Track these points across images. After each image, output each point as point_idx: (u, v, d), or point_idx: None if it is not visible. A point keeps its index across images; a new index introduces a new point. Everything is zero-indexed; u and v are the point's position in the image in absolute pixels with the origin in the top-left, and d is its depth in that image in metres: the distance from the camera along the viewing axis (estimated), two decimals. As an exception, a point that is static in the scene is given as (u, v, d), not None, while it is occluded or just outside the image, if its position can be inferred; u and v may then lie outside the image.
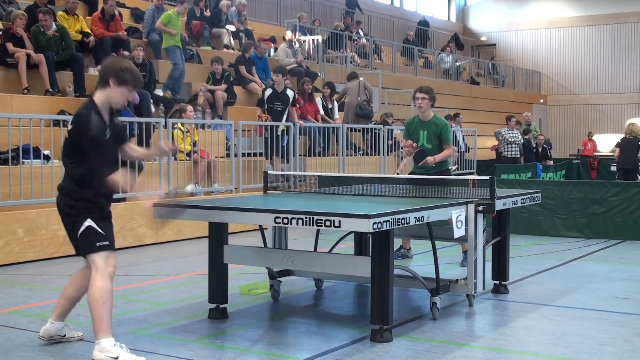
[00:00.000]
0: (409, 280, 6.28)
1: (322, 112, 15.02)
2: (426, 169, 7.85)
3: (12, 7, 12.54)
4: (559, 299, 6.68)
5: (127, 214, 9.45)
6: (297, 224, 4.95)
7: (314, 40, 19.36)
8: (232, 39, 17.15)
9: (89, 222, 4.73)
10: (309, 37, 19.41)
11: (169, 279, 7.64)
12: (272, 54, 17.75)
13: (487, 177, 6.21)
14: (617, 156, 15.52)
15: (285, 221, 5.03)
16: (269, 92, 12.54)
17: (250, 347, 5.14)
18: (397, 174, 14.65)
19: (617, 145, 16.18)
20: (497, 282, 6.90)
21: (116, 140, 4.93)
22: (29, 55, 11.02)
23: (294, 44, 17.82)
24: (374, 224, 4.74)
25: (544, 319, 5.93)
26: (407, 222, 5.13)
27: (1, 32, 11.20)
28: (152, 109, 12.02)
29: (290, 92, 12.58)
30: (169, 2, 16.22)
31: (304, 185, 13.05)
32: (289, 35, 17.81)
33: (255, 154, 12.54)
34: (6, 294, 6.90)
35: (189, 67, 14.31)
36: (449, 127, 8.06)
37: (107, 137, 4.77)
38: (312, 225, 4.90)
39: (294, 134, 12.84)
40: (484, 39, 33.83)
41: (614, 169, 17.28)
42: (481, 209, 6.01)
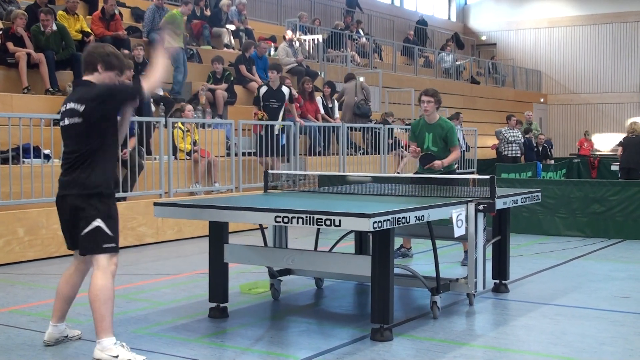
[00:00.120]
0: (410, 279, 6.28)
1: (323, 112, 15.03)
2: (433, 171, 7.83)
3: (12, 7, 12.53)
4: (559, 298, 6.68)
5: (127, 213, 9.44)
6: (298, 223, 4.94)
7: (314, 39, 19.36)
8: (232, 39, 17.14)
9: (98, 222, 4.66)
10: (309, 37, 19.40)
11: (169, 278, 7.64)
12: (273, 53, 17.74)
13: (488, 176, 6.21)
14: (620, 155, 15.40)
15: (285, 220, 5.03)
16: (264, 89, 12.51)
17: (250, 346, 5.14)
18: (398, 172, 14.66)
19: (619, 144, 16.08)
20: (498, 281, 6.90)
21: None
22: (29, 54, 11.02)
23: (294, 43, 17.82)
24: (374, 223, 4.74)
25: (544, 318, 5.94)
26: (408, 221, 5.12)
27: (1, 32, 11.20)
28: (153, 108, 12.02)
29: (285, 89, 12.54)
30: (169, 2, 16.22)
31: (305, 184, 13.05)
32: (289, 34, 17.82)
33: (255, 154, 12.54)
34: (7, 293, 6.91)
35: (190, 66, 14.31)
36: (455, 129, 8.05)
37: None
38: (313, 224, 4.90)
39: (295, 133, 12.84)
40: (484, 38, 33.81)
41: (614, 168, 17.24)
42: (481, 208, 6.01)
